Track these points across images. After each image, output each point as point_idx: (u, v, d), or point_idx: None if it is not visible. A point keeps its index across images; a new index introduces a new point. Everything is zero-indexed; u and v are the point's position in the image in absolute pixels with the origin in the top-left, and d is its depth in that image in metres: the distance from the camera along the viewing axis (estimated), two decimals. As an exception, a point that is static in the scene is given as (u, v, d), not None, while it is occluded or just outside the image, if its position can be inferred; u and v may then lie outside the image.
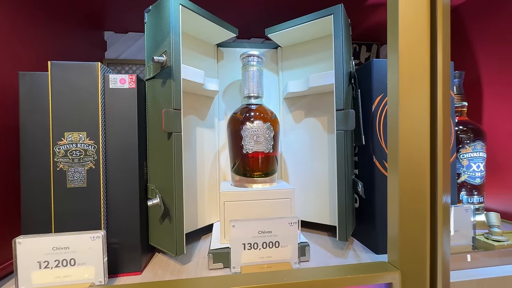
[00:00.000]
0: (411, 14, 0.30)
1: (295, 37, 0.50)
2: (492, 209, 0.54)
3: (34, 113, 0.35)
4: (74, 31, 0.58)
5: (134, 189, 0.37)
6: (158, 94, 0.38)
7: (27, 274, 0.31)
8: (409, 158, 0.30)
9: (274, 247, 0.36)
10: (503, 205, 0.52)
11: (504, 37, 0.52)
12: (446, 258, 0.30)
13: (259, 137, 0.44)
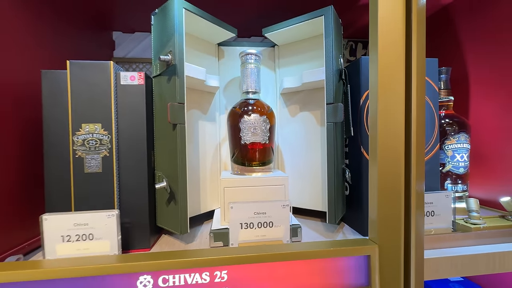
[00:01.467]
0: (389, 18, 0.33)
1: (290, 36, 0.54)
2: (475, 196, 0.57)
3: (55, 107, 0.39)
4: (85, 32, 0.62)
5: (143, 175, 0.41)
6: (164, 90, 0.42)
7: (52, 246, 0.36)
8: (387, 148, 0.34)
9: (268, 227, 0.40)
10: (486, 194, 0.55)
11: (492, 36, 0.55)
12: (420, 235, 0.34)
13: (256, 129, 0.48)
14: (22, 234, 0.41)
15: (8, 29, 0.40)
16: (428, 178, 0.48)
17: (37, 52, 0.46)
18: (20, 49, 0.42)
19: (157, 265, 0.30)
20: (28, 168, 0.43)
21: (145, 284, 0.30)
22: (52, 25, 0.50)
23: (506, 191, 0.52)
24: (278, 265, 0.33)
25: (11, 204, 0.40)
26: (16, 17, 0.42)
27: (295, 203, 0.57)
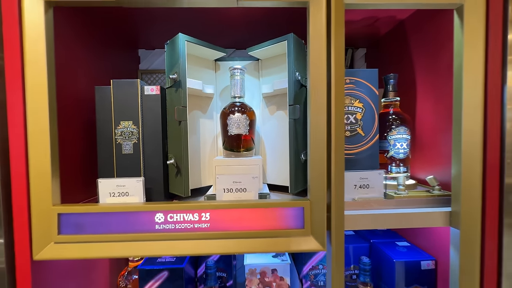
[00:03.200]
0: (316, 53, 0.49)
1: (268, 53, 0.70)
2: (416, 177, 0.70)
3: (103, 110, 0.60)
4: (118, 52, 0.83)
5: (159, 155, 0.61)
6: (173, 97, 0.61)
7: (104, 199, 0.56)
8: (318, 136, 0.50)
9: (242, 192, 0.58)
10: (424, 174, 0.68)
11: (431, 48, 0.67)
12: (339, 197, 0.50)
13: (239, 124, 0.65)
14: (87, 192, 0.63)
15: (73, 56, 0.62)
16: (369, 161, 0.63)
17: (90, 71, 0.67)
18: (79, 70, 0.64)
19: (166, 207, 0.49)
20: (88, 151, 0.64)
21: (159, 218, 0.50)
22: (95, 50, 0.72)
23: (435, 171, 0.65)
24: (244, 211, 0.51)
25: (79, 174, 0.62)
26: (76, 47, 0.63)
27: (273, 181, 0.74)
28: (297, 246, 0.51)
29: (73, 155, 0.60)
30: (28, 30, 0.47)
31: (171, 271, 0.63)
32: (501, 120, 0.51)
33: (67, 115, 0.59)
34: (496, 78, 0.51)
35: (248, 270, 0.64)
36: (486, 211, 0.52)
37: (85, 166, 0.64)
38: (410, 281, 0.65)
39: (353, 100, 0.63)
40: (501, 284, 0.52)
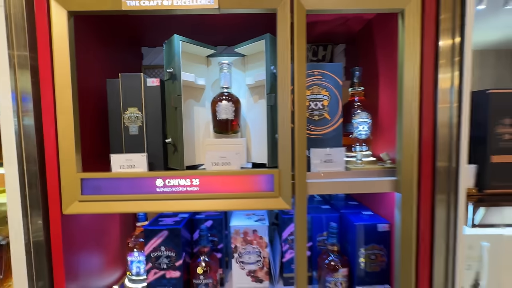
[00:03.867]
0: (282, 49, 0.61)
1: (250, 50, 0.82)
2: (377, 155, 0.82)
3: (114, 99, 0.73)
4: (124, 49, 0.96)
5: (159, 135, 0.74)
6: (170, 88, 0.74)
7: (115, 170, 0.70)
8: (284, 119, 0.62)
9: (227, 165, 0.71)
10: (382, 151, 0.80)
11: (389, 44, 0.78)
12: (302, 166, 0.63)
13: (226, 110, 0.78)
14: (102, 164, 0.77)
15: (88, 55, 0.75)
16: (334, 140, 0.75)
17: (102, 66, 0.81)
18: (93, 66, 0.77)
19: (165, 174, 0.63)
20: (102, 132, 0.78)
21: (159, 183, 0.63)
22: (106, 49, 0.84)
23: (390, 149, 0.76)
24: (226, 178, 0.64)
25: (96, 150, 0.75)
26: (91, 47, 0.76)
27: (256, 160, 0.86)
28: (269, 205, 0.64)
29: (90, 135, 0.74)
30: (55, 35, 0.60)
31: (170, 230, 0.77)
32: (434, 107, 0.63)
33: (85, 103, 0.72)
34: (430, 74, 0.62)
35: (234, 230, 0.77)
36: (422, 179, 0.64)
37: (100, 144, 0.78)
38: (369, 241, 0.78)
39: (321, 89, 0.75)
40: (434, 234, 0.65)
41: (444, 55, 0.62)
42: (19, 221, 0.63)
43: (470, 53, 0.62)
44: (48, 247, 0.64)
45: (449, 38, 0.62)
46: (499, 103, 0.71)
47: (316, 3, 0.61)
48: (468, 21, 0.61)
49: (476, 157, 0.73)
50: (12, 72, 0.60)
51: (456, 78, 0.62)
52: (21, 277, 0.64)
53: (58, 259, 0.65)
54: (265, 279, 0.77)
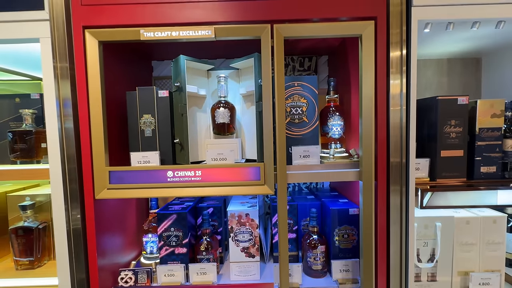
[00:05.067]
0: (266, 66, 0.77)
1: (243, 65, 0.99)
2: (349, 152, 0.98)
3: (132, 107, 0.90)
4: (137, 63, 1.14)
5: (169, 137, 0.91)
6: (177, 98, 0.91)
7: (134, 165, 0.87)
8: (267, 122, 0.78)
9: (224, 160, 0.87)
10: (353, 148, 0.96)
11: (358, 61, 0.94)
12: (282, 160, 0.79)
13: (223, 116, 0.95)
14: (123, 162, 0.94)
15: (112, 72, 0.92)
16: (311, 139, 0.91)
17: (120, 78, 0.98)
18: (115, 79, 0.95)
19: (174, 167, 0.80)
20: (122, 134, 0.95)
21: (169, 174, 0.80)
22: (123, 63, 1.02)
23: (357, 146, 0.92)
24: (223, 170, 0.80)
25: (119, 149, 0.93)
26: (113, 65, 0.94)
27: (250, 156, 1.03)
28: (256, 191, 0.80)
29: (115, 136, 0.92)
30: (89, 59, 0.77)
31: (178, 214, 0.94)
32: (387, 111, 0.78)
33: (109, 110, 0.90)
34: (383, 82, 0.78)
35: (230, 214, 0.93)
36: (378, 170, 0.79)
37: (121, 144, 0.95)
38: (342, 223, 0.94)
39: (300, 97, 0.91)
40: (389, 217, 0.80)
41: (394, 65, 0.78)
42: (61, 205, 0.80)
43: (416, 63, 0.77)
44: (83, 227, 0.81)
45: (398, 50, 0.77)
46: (446, 107, 0.85)
47: (291, 32, 0.77)
48: (412, 35, 0.76)
49: (430, 152, 0.88)
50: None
51: (404, 85, 0.78)
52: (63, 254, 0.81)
53: (92, 238, 0.82)
54: (256, 255, 0.93)
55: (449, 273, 0.91)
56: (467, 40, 1.05)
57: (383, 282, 0.82)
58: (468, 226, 0.90)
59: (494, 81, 1.24)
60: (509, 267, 0.99)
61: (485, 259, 0.91)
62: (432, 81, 1.29)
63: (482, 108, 0.86)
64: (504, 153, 0.88)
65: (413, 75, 0.77)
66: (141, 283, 0.90)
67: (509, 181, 0.86)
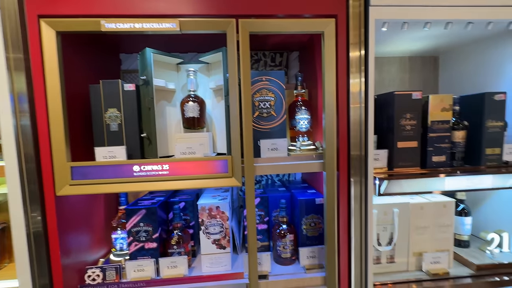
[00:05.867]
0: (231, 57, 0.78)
1: (213, 59, 0.99)
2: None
3: (96, 101, 0.88)
4: (104, 56, 1.10)
5: (136, 131, 0.89)
6: (144, 92, 0.89)
7: (99, 160, 0.85)
8: (234, 116, 0.80)
9: (193, 154, 0.88)
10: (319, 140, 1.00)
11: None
12: (249, 153, 0.81)
13: (193, 109, 0.95)
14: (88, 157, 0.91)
15: (73, 64, 0.89)
16: (279, 133, 0.94)
17: (85, 71, 0.94)
18: (78, 72, 0.91)
19: (140, 162, 0.79)
20: (86, 129, 0.92)
21: (136, 168, 0.79)
22: (87, 56, 0.98)
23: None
24: (191, 163, 0.81)
25: (82, 143, 0.90)
26: (75, 57, 0.90)
27: (220, 150, 1.04)
28: (224, 183, 0.82)
29: (77, 131, 0.88)
30: (46, 50, 0.74)
31: (147, 209, 0.93)
32: (347, 107, 0.83)
33: (72, 104, 0.86)
34: (343, 82, 0.82)
35: (200, 207, 0.94)
36: (340, 162, 0.84)
37: (86, 138, 0.92)
38: (309, 212, 0.98)
39: (268, 92, 0.93)
40: (350, 205, 0.85)
41: (354, 64, 0.82)
42: (19, 205, 0.76)
43: (373, 62, 0.82)
44: (44, 225, 0.78)
45: (357, 50, 0.82)
46: (402, 102, 0.92)
47: (256, 27, 0.79)
48: (370, 37, 0.81)
49: (388, 144, 0.95)
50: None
51: (363, 83, 0.82)
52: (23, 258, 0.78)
53: (54, 237, 0.79)
54: (227, 246, 0.95)
55: (405, 254, 1.00)
56: (424, 39, 1.13)
57: (345, 265, 0.88)
58: (422, 211, 0.98)
59: (450, 78, 1.34)
60: (457, 246, 1.09)
61: (436, 240, 1.00)
62: (395, 77, 1.37)
63: (434, 102, 0.94)
64: (453, 143, 0.97)
65: (371, 73, 0.82)
66: (109, 280, 0.89)
67: (456, 169, 0.94)
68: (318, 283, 0.91)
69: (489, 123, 0.95)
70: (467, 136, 0.97)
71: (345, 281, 0.89)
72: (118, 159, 0.84)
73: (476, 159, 0.97)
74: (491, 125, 0.95)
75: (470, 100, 0.99)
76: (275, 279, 0.90)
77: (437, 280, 0.95)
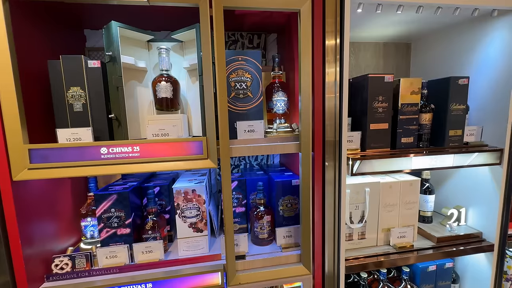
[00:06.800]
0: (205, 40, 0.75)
1: (186, 37, 0.94)
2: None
3: (56, 79, 0.80)
4: (66, 32, 1.00)
5: (104, 113, 0.83)
6: (111, 69, 0.83)
7: (62, 142, 0.79)
8: (208, 96, 0.77)
9: (166, 136, 0.84)
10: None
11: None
12: (224, 134, 0.79)
13: (165, 90, 0.90)
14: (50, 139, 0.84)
15: (30, 37, 0.80)
16: (256, 114, 0.92)
17: (43, 47, 0.85)
18: (35, 47, 0.82)
19: (108, 143, 0.74)
20: (47, 108, 0.84)
21: (103, 150, 0.75)
22: (45, 30, 0.89)
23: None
24: (163, 144, 0.77)
25: (42, 125, 0.82)
26: (31, 30, 0.81)
27: (196, 133, 1.01)
28: (199, 165, 0.80)
29: (37, 111, 0.81)
30: (-9, 17, 0.65)
31: (118, 194, 0.89)
32: (323, 88, 0.83)
33: (29, 82, 0.78)
34: (319, 65, 0.82)
35: (175, 191, 0.92)
36: (315, 142, 0.85)
37: (46, 119, 0.84)
38: (285, 193, 1.00)
39: (244, 72, 0.91)
40: (325, 185, 0.88)
41: (330, 52, 0.82)
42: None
43: (348, 51, 0.83)
44: (1, 214, 0.72)
45: (332, 39, 0.82)
46: (375, 84, 0.94)
47: (231, 1, 0.75)
48: (346, 18, 0.81)
49: (361, 125, 0.98)
50: None
51: (338, 64, 0.83)
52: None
53: (13, 226, 0.73)
54: (204, 229, 0.95)
55: (375, 231, 1.06)
56: (397, 25, 1.16)
57: (319, 243, 0.91)
58: (390, 189, 1.04)
59: (420, 64, 1.40)
60: (421, 222, 1.18)
61: (403, 216, 1.07)
62: (370, 63, 1.40)
63: (404, 85, 0.97)
64: (420, 125, 1.02)
65: (345, 61, 0.83)
66: (79, 268, 0.85)
67: (422, 150, 1.00)
68: (294, 260, 0.94)
69: (453, 106, 1.01)
70: (433, 118, 1.03)
71: (319, 258, 0.92)
72: (84, 142, 0.78)
73: (440, 140, 1.03)
74: (455, 108, 1.01)
75: (437, 84, 1.04)
76: (252, 259, 0.92)
77: (402, 253, 1.02)
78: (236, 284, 0.87)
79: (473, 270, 1.17)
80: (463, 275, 1.21)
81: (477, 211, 1.13)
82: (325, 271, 0.93)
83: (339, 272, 0.93)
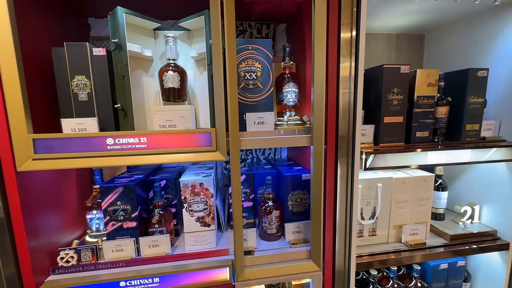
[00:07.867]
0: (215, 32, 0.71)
1: (194, 25, 0.90)
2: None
3: (61, 67, 0.77)
4: (70, 20, 0.97)
5: (109, 102, 0.81)
6: (117, 57, 0.80)
7: (66, 131, 0.76)
8: (218, 86, 0.74)
9: (173, 127, 0.81)
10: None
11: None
12: (234, 126, 0.76)
13: (172, 80, 0.87)
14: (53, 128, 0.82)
15: (34, 25, 0.77)
16: (266, 106, 0.89)
17: (48, 36, 0.83)
18: (39, 35, 0.79)
19: (114, 134, 0.72)
20: (51, 97, 0.82)
21: (109, 141, 0.72)
22: (49, 18, 0.86)
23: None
24: (171, 136, 0.75)
25: (47, 114, 0.80)
26: (35, 16, 0.78)
27: (203, 125, 0.98)
28: (208, 158, 0.77)
29: (42, 100, 0.78)
30: (-7, 0, 0.62)
31: (124, 187, 0.87)
32: (337, 78, 0.80)
33: (33, 71, 0.76)
34: (333, 55, 0.78)
35: (183, 184, 0.90)
36: (328, 135, 0.82)
37: (50, 109, 0.82)
38: (295, 188, 0.97)
39: (254, 62, 0.87)
40: (337, 179, 0.85)
41: (345, 45, 0.78)
42: (-28, 179, 0.67)
43: (364, 45, 0.79)
44: (6, 206, 0.70)
45: (348, 32, 0.78)
46: (390, 76, 0.90)
47: (242, -15, 0.71)
48: (362, 17, 0.77)
49: (375, 119, 0.94)
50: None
51: (353, 54, 0.79)
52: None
53: (18, 218, 0.71)
54: (212, 224, 0.93)
55: (386, 227, 1.03)
56: (414, 14, 1.11)
57: (330, 239, 0.89)
58: (403, 185, 1.01)
59: (434, 56, 1.35)
60: (433, 219, 1.15)
61: (415, 213, 1.04)
62: (382, 55, 1.35)
63: (421, 77, 0.93)
64: (436, 119, 0.98)
65: (361, 54, 0.79)
66: (85, 261, 0.83)
67: (437, 144, 0.96)
68: (303, 256, 0.92)
69: (471, 99, 0.97)
70: (450, 112, 0.99)
71: (329, 254, 0.90)
72: (89, 132, 0.76)
73: (456, 134, 0.99)
74: (473, 101, 0.97)
75: (454, 76, 1.00)
76: (260, 254, 0.90)
77: (414, 250, 1.00)
78: (244, 279, 0.85)
79: (485, 269, 1.14)
80: (475, 274, 1.18)
81: (491, 209, 1.10)
82: (335, 267, 0.91)
83: (349, 269, 0.90)
